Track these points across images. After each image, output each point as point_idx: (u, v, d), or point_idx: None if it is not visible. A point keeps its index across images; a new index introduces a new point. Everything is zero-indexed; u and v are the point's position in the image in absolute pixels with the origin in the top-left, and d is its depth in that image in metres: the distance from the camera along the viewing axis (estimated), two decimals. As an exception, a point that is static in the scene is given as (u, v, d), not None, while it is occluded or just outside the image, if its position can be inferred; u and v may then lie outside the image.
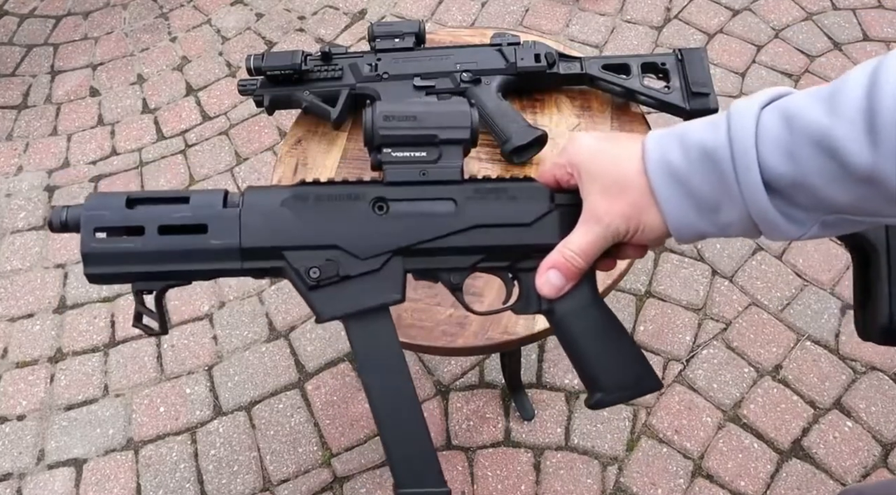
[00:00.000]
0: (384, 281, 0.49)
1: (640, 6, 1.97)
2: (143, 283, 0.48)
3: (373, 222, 0.49)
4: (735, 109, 0.42)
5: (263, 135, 1.82)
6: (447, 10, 2.02)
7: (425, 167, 0.50)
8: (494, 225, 0.50)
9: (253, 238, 0.48)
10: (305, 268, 0.48)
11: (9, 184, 1.80)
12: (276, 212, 0.48)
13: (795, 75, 1.78)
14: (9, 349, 1.51)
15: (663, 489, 1.25)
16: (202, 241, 0.47)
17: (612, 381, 0.51)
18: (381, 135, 0.50)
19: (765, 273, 1.47)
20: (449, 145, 0.50)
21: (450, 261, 0.50)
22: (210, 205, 0.48)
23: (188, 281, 0.49)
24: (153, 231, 0.47)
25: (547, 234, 0.50)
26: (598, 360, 0.51)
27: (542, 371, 1.39)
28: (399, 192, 0.50)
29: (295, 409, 1.38)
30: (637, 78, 0.88)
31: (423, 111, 0.50)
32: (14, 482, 1.35)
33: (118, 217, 0.47)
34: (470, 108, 0.51)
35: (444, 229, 0.49)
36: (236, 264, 0.48)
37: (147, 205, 0.48)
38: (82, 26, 2.17)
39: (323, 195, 0.50)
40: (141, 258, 0.47)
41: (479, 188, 0.51)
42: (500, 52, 0.88)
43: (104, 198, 0.48)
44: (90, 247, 0.47)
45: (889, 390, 1.32)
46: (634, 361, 0.51)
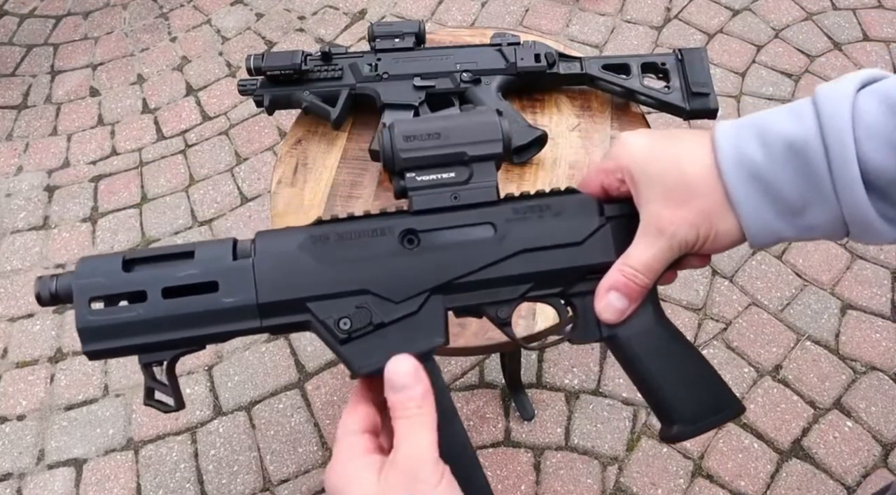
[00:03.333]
0: (423, 324, 0.43)
1: (640, 6, 1.97)
2: (152, 355, 0.42)
3: (404, 259, 0.43)
4: (823, 95, 0.36)
5: (263, 135, 1.82)
6: (447, 10, 2.02)
7: (456, 189, 0.44)
8: (541, 248, 0.44)
9: (271, 291, 0.42)
10: (334, 319, 0.42)
11: (9, 184, 1.80)
12: (295, 258, 0.43)
13: (795, 75, 1.78)
14: (9, 349, 1.51)
15: (663, 489, 1.25)
16: (213, 301, 0.41)
17: (689, 410, 0.45)
18: (403, 159, 0.44)
19: (765, 273, 1.47)
20: (480, 162, 0.44)
21: (495, 294, 0.45)
22: (218, 258, 0.43)
23: (202, 346, 0.43)
24: (157, 295, 0.41)
25: (601, 252, 0.45)
26: (672, 388, 0.45)
27: (542, 371, 1.39)
28: (430, 222, 0.44)
29: (295, 409, 1.38)
30: (637, 78, 0.88)
31: (448, 126, 0.44)
32: (14, 482, 1.35)
33: (115, 282, 0.41)
34: (499, 118, 0.45)
35: (486, 259, 0.44)
36: (255, 323, 0.42)
37: (146, 265, 0.42)
38: (82, 26, 2.17)
39: (345, 233, 0.44)
40: (146, 327, 0.41)
41: (519, 207, 0.45)
42: (500, 52, 0.88)
43: (97, 262, 0.42)
44: (86, 322, 0.40)
45: (889, 390, 1.32)
46: (712, 385, 0.46)
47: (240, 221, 1.66)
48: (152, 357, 0.42)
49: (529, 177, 0.85)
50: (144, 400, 0.44)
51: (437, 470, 0.37)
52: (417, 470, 0.36)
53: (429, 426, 0.38)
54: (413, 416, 0.38)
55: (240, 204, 1.70)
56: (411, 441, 0.37)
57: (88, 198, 1.75)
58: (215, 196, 1.72)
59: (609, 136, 0.88)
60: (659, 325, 0.46)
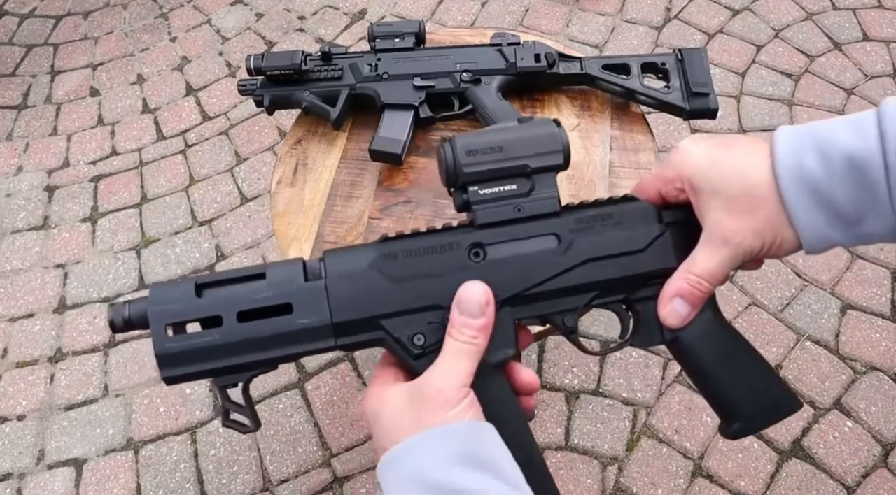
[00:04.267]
0: (495, 336, 0.43)
1: (640, 6, 1.97)
2: (228, 378, 0.43)
3: (473, 273, 0.44)
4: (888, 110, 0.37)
5: (263, 135, 1.82)
6: (447, 10, 2.02)
7: (519, 202, 0.45)
8: (606, 257, 0.45)
9: (345, 311, 0.42)
10: (408, 336, 0.43)
11: (9, 184, 1.80)
12: (365, 276, 0.43)
13: (795, 75, 1.78)
14: (9, 349, 1.51)
15: (663, 489, 1.25)
16: (289, 323, 0.42)
17: (750, 408, 0.46)
18: (466, 173, 0.44)
19: (765, 273, 1.47)
20: (542, 174, 0.45)
21: (562, 303, 0.46)
22: (290, 279, 0.43)
23: (275, 366, 0.44)
24: (232, 319, 0.41)
25: (663, 259, 0.46)
26: (733, 387, 0.47)
27: (542, 371, 1.39)
28: (495, 235, 0.45)
29: (295, 409, 1.38)
30: (637, 78, 0.88)
31: (509, 139, 0.45)
32: (14, 482, 1.35)
33: (190, 308, 0.42)
34: (558, 129, 0.46)
35: (553, 269, 0.45)
36: (329, 342, 0.43)
37: (219, 289, 0.43)
38: (82, 26, 2.17)
39: (413, 250, 0.44)
40: (223, 351, 0.41)
41: (582, 217, 0.46)
42: (500, 52, 0.88)
43: (170, 288, 0.43)
44: (165, 348, 0.41)
45: (889, 390, 1.32)
46: (770, 383, 0.47)
47: (240, 221, 1.66)
48: (229, 379, 0.43)
49: (529, 177, 0.85)
50: (223, 422, 0.45)
51: (460, 393, 0.39)
52: (442, 390, 0.39)
53: (472, 356, 0.41)
54: (463, 343, 0.41)
55: (240, 204, 1.70)
56: (448, 364, 0.40)
57: (88, 198, 1.75)
58: (215, 196, 1.72)
59: (609, 136, 0.89)
60: (720, 328, 0.47)
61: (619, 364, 1.38)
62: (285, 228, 0.84)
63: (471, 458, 0.37)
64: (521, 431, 0.45)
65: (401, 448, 0.38)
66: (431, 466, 0.37)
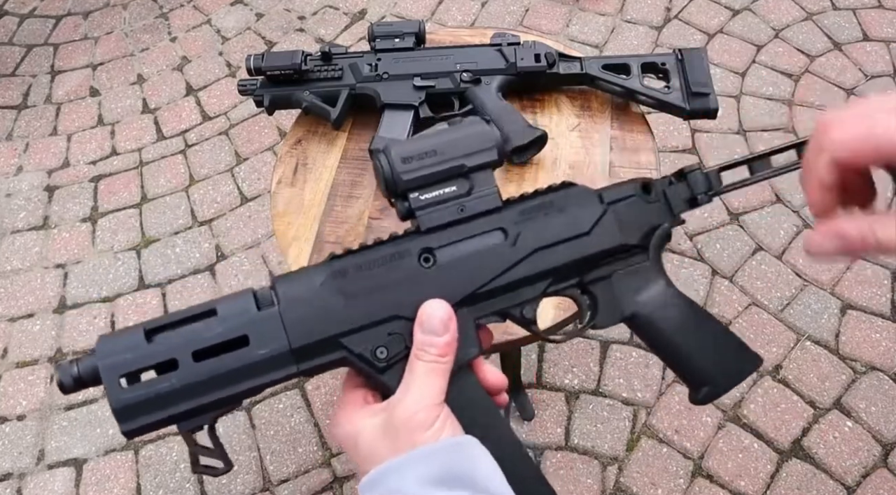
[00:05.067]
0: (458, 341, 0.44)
1: (640, 6, 1.97)
2: (192, 422, 0.42)
3: (425, 278, 0.44)
4: None
5: (263, 135, 1.82)
6: (447, 10, 2.02)
7: (461, 202, 0.45)
8: (553, 244, 0.46)
9: (302, 335, 0.41)
10: (370, 350, 0.42)
11: (9, 184, 1.80)
12: (319, 297, 0.42)
13: (795, 75, 1.78)
14: (9, 349, 1.51)
15: (663, 489, 1.25)
16: (247, 355, 0.41)
17: (714, 371, 0.48)
18: (404, 181, 0.44)
19: (765, 273, 1.47)
20: (479, 172, 0.46)
21: (518, 296, 0.46)
22: (242, 311, 0.42)
23: (239, 402, 0.42)
24: (188, 360, 0.40)
25: (609, 237, 0.47)
26: (695, 353, 0.48)
27: (542, 371, 1.39)
28: (442, 238, 0.45)
29: (295, 409, 1.38)
30: (637, 78, 0.87)
31: (442, 141, 0.45)
32: (14, 482, 1.35)
33: (142, 356, 0.40)
34: (488, 126, 0.46)
35: (504, 264, 0.45)
36: (291, 368, 0.42)
37: (169, 332, 0.41)
38: (82, 26, 2.17)
39: (363, 264, 0.44)
40: (183, 395, 0.40)
41: (525, 209, 0.46)
42: (500, 52, 0.88)
43: (117, 339, 0.41)
44: (122, 401, 0.40)
45: (889, 390, 1.32)
46: (730, 345, 0.49)
47: (240, 221, 1.66)
48: (193, 423, 0.42)
49: (529, 177, 0.85)
50: (192, 469, 0.44)
51: (434, 412, 0.39)
52: (415, 413, 0.39)
53: (442, 374, 0.41)
54: (430, 362, 0.41)
55: (240, 204, 1.70)
56: (418, 386, 0.40)
57: (88, 198, 1.75)
58: (215, 196, 1.72)
59: (609, 136, 0.89)
60: (674, 297, 0.49)
61: (618, 364, 1.38)
62: (285, 228, 0.85)
63: (447, 477, 0.37)
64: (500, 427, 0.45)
65: (380, 470, 0.38)
66: (408, 488, 0.37)
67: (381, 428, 0.40)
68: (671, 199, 0.49)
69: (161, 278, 1.59)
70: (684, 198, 0.49)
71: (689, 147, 1.66)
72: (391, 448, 0.39)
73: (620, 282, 0.48)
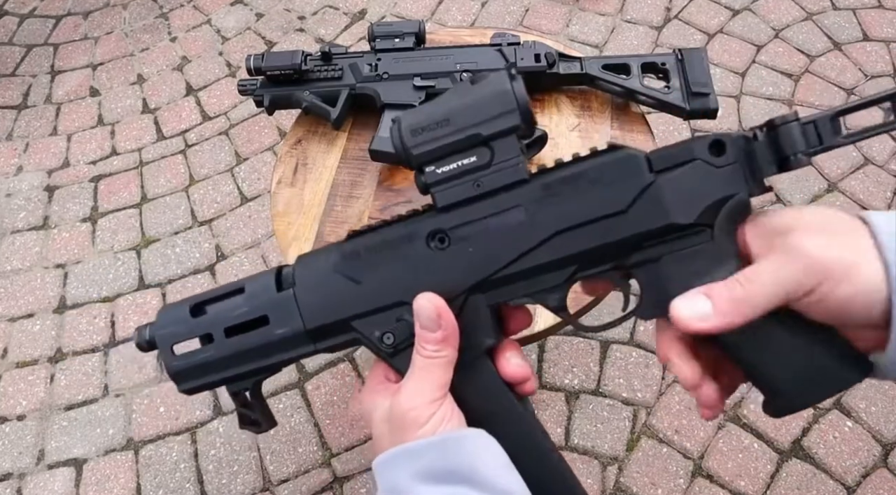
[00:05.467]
0: (469, 326, 0.41)
1: (640, 6, 1.97)
2: (235, 385, 0.45)
3: (435, 262, 0.41)
4: None
5: (263, 135, 1.82)
6: (447, 10, 2.02)
7: (478, 176, 0.40)
8: (578, 225, 0.39)
9: (315, 317, 0.43)
10: (377, 335, 0.42)
11: (9, 184, 1.80)
12: (331, 280, 0.43)
13: (795, 75, 1.78)
14: (9, 349, 1.51)
15: (663, 489, 1.25)
16: (268, 334, 0.43)
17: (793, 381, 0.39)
18: (416, 155, 0.41)
19: (765, 273, 1.47)
20: (500, 139, 0.40)
21: (538, 283, 0.41)
22: (264, 291, 0.44)
23: (277, 370, 0.45)
24: (220, 335, 0.44)
25: (653, 216, 0.39)
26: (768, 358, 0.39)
27: (542, 371, 1.39)
28: (457, 217, 0.41)
29: (295, 409, 1.38)
30: (637, 78, 0.88)
31: (455, 107, 0.40)
32: (14, 482, 1.35)
33: (187, 329, 0.45)
34: (510, 82, 0.40)
35: (519, 248, 0.40)
36: (310, 347, 0.43)
37: (209, 306, 0.45)
38: (82, 26, 2.17)
39: (374, 245, 0.42)
40: (221, 365, 0.44)
41: (549, 182, 0.40)
42: (500, 52, 0.88)
43: (169, 311, 0.46)
44: (174, 367, 0.44)
45: (889, 390, 1.32)
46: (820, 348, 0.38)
47: (240, 221, 1.66)
48: (236, 386, 0.45)
49: (529, 177, 0.85)
50: (239, 425, 0.47)
51: (430, 409, 0.39)
52: (411, 408, 0.39)
53: (440, 368, 0.40)
54: (427, 357, 0.40)
55: (240, 204, 1.70)
56: (416, 380, 0.40)
57: (88, 198, 1.75)
58: (215, 196, 1.72)
59: (609, 136, 0.89)
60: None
61: (619, 364, 1.38)
62: (285, 228, 0.85)
63: (440, 472, 0.37)
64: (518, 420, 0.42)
65: (380, 460, 0.40)
66: (402, 484, 0.38)
67: (386, 416, 0.41)
68: (753, 161, 0.39)
69: (161, 278, 1.59)
70: (771, 160, 0.38)
71: (689, 147, 1.66)
72: (391, 438, 0.40)
73: (672, 268, 0.40)
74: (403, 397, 0.40)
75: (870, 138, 0.38)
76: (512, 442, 0.41)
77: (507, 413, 0.42)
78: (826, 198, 1.56)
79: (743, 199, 0.39)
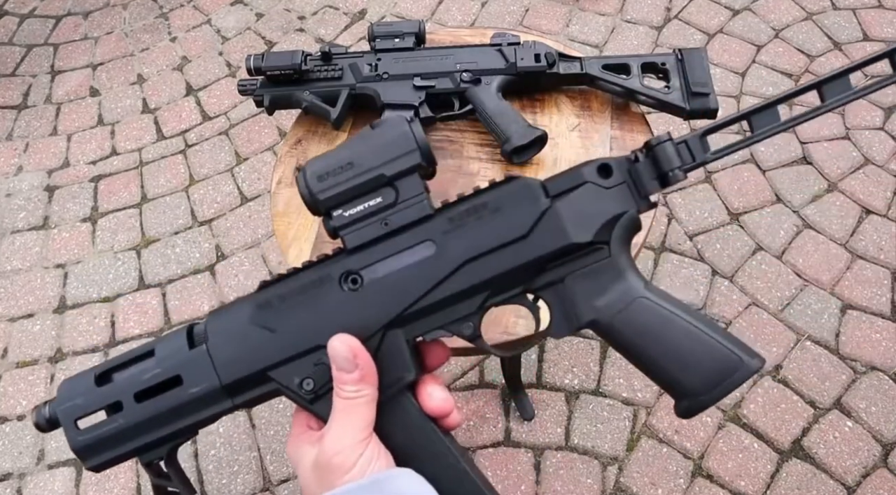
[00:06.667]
0: (388, 362, 0.41)
1: (640, 6, 1.97)
2: (148, 454, 0.43)
3: (349, 303, 0.42)
4: None
5: (263, 135, 1.82)
6: (447, 10, 2.02)
7: (385, 215, 0.42)
8: (484, 253, 0.41)
9: (231, 371, 0.42)
10: (297, 382, 0.42)
11: (9, 184, 1.80)
12: (245, 332, 0.42)
13: (795, 75, 1.78)
14: (9, 349, 1.51)
15: (663, 489, 1.25)
16: (182, 394, 0.42)
17: (695, 381, 0.41)
18: (322, 200, 0.42)
19: (765, 273, 1.47)
20: (403, 178, 0.42)
21: (453, 313, 0.42)
22: (175, 351, 0.43)
23: (193, 434, 0.44)
24: (130, 402, 0.42)
25: (553, 238, 0.41)
26: (670, 361, 0.41)
27: (542, 371, 1.39)
28: (367, 257, 0.42)
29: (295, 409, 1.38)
30: (637, 78, 0.88)
31: (359, 151, 0.42)
32: (14, 482, 1.35)
33: (92, 399, 0.43)
34: (408, 125, 0.42)
35: (430, 281, 0.41)
36: (227, 403, 0.42)
37: (116, 374, 0.44)
38: (82, 26, 2.17)
39: (286, 293, 0.43)
40: (131, 433, 0.42)
41: (454, 215, 0.42)
42: (500, 52, 0.88)
43: (72, 383, 0.44)
44: (77, 443, 0.42)
45: (889, 390, 1.32)
46: (718, 349, 0.41)
47: (240, 221, 1.66)
48: (149, 456, 0.43)
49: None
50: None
51: (356, 451, 0.39)
52: (336, 453, 0.38)
53: (362, 408, 0.40)
54: (347, 397, 0.40)
55: (240, 204, 1.70)
56: (338, 424, 0.40)
57: (88, 198, 1.75)
58: (215, 196, 1.72)
59: (609, 136, 0.89)
60: (641, 298, 0.42)
61: (619, 364, 1.38)
62: (285, 228, 0.85)
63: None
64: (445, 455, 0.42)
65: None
66: None
67: (312, 463, 0.40)
68: (637, 180, 0.42)
69: (161, 278, 1.59)
70: (653, 176, 0.42)
71: (689, 147, 1.66)
72: (319, 486, 0.39)
73: (576, 286, 0.42)
74: (328, 443, 0.39)
75: (733, 153, 0.43)
76: (440, 480, 0.41)
77: (433, 448, 0.42)
78: (826, 198, 1.57)
79: (633, 215, 0.42)
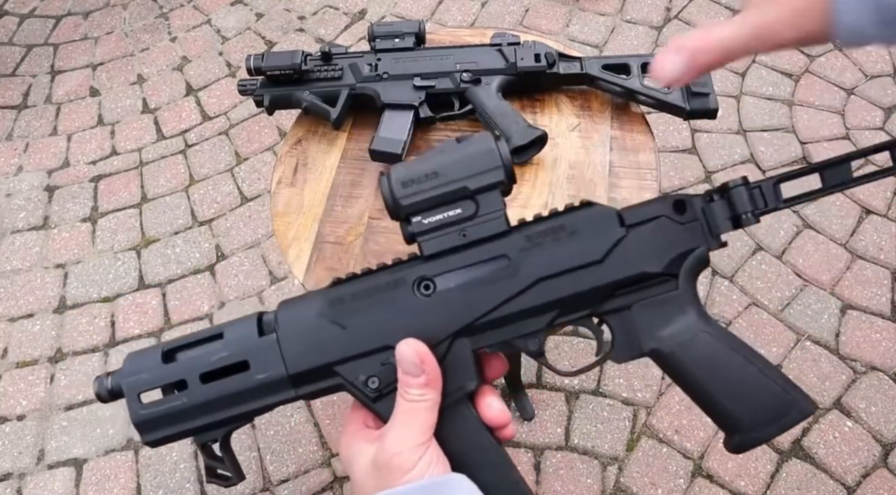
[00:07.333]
0: (453, 370, 0.42)
1: (640, 6, 1.97)
2: (205, 435, 0.45)
3: (421, 308, 0.43)
4: None
5: (263, 135, 1.82)
6: (447, 10, 2.02)
7: (464, 227, 0.43)
8: (559, 273, 0.43)
9: (298, 362, 0.43)
10: (362, 380, 0.43)
11: (9, 184, 1.80)
12: (316, 325, 0.43)
13: (795, 75, 1.78)
14: (9, 349, 1.51)
15: (663, 489, 1.25)
16: (248, 379, 0.43)
17: (748, 419, 0.43)
18: (404, 206, 0.43)
19: (765, 273, 1.47)
20: (485, 193, 0.43)
21: (521, 327, 0.43)
22: (245, 336, 0.44)
23: (249, 420, 0.45)
24: (195, 381, 0.43)
25: (626, 266, 0.43)
26: (727, 398, 0.43)
27: (543, 371, 1.39)
28: (442, 265, 0.43)
29: (295, 409, 1.38)
30: (637, 78, 0.87)
31: (445, 162, 0.43)
32: (14, 482, 1.35)
33: (158, 375, 0.44)
34: (496, 143, 0.43)
35: (503, 295, 0.43)
36: (290, 393, 0.44)
37: (183, 353, 0.45)
38: (82, 26, 2.17)
39: (360, 292, 0.44)
40: (192, 413, 0.43)
41: (531, 233, 0.43)
42: (500, 52, 0.88)
43: (139, 358, 0.45)
44: (139, 416, 0.43)
45: (889, 390, 1.32)
46: (771, 388, 0.43)
47: (240, 221, 1.66)
48: (206, 437, 0.45)
49: (529, 177, 0.85)
50: (207, 479, 0.46)
51: (416, 453, 0.39)
52: (397, 454, 0.39)
53: (425, 412, 0.40)
54: (411, 401, 0.40)
55: (240, 204, 1.70)
56: (401, 425, 0.40)
57: (88, 198, 1.75)
58: (215, 196, 1.72)
59: (609, 136, 0.89)
60: (704, 332, 0.44)
61: (618, 364, 1.38)
62: (285, 228, 0.85)
63: None
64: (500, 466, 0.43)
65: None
66: None
67: (370, 462, 0.40)
68: (710, 219, 0.44)
69: (161, 278, 1.59)
70: (727, 217, 0.44)
71: (689, 147, 1.66)
72: (376, 485, 0.40)
73: (642, 314, 0.44)
74: (389, 442, 0.40)
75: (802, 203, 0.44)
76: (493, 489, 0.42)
77: (489, 457, 0.43)
78: (826, 199, 1.57)
79: (703, 252, 0.44)
